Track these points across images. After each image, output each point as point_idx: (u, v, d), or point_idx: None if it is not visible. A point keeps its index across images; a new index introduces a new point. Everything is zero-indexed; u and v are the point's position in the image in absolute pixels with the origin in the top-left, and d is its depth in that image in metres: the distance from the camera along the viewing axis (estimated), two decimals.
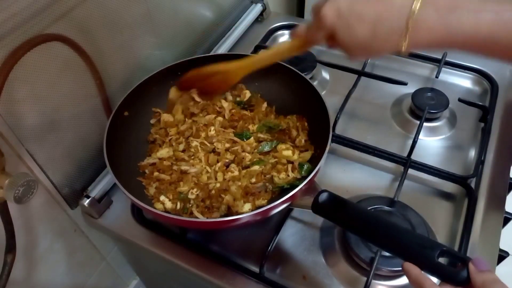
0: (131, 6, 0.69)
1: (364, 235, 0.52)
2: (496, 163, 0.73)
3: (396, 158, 0.74)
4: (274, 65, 0.74)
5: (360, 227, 0.52)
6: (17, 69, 0.52)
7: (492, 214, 0.67)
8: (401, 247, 0.48)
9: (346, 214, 0.53)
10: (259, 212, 0.54)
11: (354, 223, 0.53)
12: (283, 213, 0.67)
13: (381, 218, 0.53)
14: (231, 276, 0.62)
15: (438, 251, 0.45)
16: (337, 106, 0.80)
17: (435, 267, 0.44)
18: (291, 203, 0.57)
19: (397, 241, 0.48)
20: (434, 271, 0.45)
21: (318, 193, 0.56)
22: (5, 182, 0.52)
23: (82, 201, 0.68)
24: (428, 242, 0.47)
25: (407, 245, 0.47)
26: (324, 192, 0.56)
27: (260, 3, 1.05)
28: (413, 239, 0.48)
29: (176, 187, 0.64)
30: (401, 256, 0.47)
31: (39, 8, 0.53)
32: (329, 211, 0.55)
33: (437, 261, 0.45)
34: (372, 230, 0.51)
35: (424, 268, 0.44)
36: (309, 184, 0.56)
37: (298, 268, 0.63)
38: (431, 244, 0.46)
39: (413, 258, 0.45)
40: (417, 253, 0.46)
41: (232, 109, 0.73)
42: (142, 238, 0.67)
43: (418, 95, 0.82)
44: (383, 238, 0.50)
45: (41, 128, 0.60)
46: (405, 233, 0.50)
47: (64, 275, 0.79)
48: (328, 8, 0.46)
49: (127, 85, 0.69)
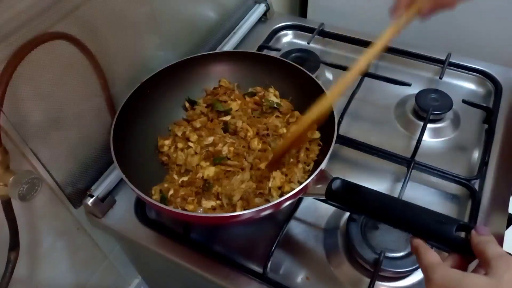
0: (135, 6, 0.69)
1: (381, 217, 0.52)
2: (500, 165, 0.73)
3: (399, 159, 0.73)
4: (281, 63, 0.74)
5: (377, 210, 0.52)
6: (22, 67, 0.52)
7: (495, 215, 0.67)
8: (419, 225, 0.48)
9: (361, 198, 0.53)
10: (271, 206, 0.54)
11: (370, 206, 0.53)
12: (287, 213, 0.67)
13: (397, 199, 0.53)
14: (234, 276, 0.62)
15: (456, 225, 0.46)
16: (340, 107, 0.80)
17: (453, 240, 0.45)
18: (304, 193, 0.58)
19: (415, 219, 0.49)
20: (453, 245, 0.45)
21: (331, 180, 0.56)
22: (10, 180, 0.52)
23: (85, 200, 0.68)
24: (445, 218, 0.47)
25: (425, 222, 0.48)
26: (337, 179, 0.56)
27: (263, 3, 1.05)
28: (430, 216, 0.48)
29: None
30: (419, 234, 0.47)
31: (44, 6, 0.53)
32: (343, 197, 0.55)
33: (455, 234, 0.45)
34: (389, 211, 0.51)
35: (443, 243, 0.45)
36: (321, 173, 0.57)
37: (302, 268, 0.63)
38: (448, 220, 0.47)
39: (432, 234, 0.46)
40: (435, 230, 0.46)
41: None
42: (145, 238, 0.67)
43: (422, 96, 0.82)
44: (401, 218, 0.50)
45: (45, 126, 0.60)
46: (422, 211, 0.50)
47: (67, 273, 0.79)
48: None
49: (131, 85, 0.69)
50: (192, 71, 0.77)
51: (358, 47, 0.96)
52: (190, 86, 0.77)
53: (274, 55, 0.89)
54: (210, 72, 0.78)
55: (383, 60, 0.94)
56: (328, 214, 0.69)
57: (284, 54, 0.92)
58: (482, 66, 0.89)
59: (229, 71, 0.79)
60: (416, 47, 0.93)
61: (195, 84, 0.78)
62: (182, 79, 0.76)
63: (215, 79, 0.79)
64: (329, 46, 1.00)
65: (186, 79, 0.77)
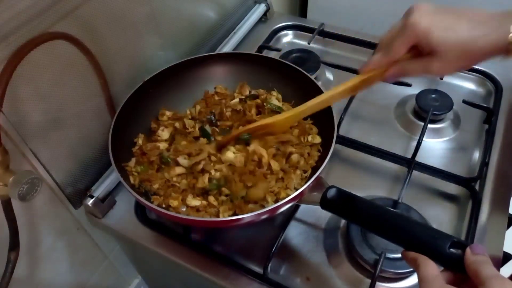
0: (135, 6, 0.69)
1: (375, 228, 0.52)
2: (501, 165, 0.73)
3: (400, 160, 0.73)
4: (279, 64, 0.74)
5: (370, 221, 0.52)
6: (21, 67, 0.52)
7: (496, 216, 0.67)
8: (412, 239, 0.48)
9: (356, 208, 0.53)
10: (267, 211, 0.54)
11: (364, 217, 0.53)
12: (287, 214, 0.67)
13: (391, 211, 0.52)
14: (235, 277, 0.62)
15: (450, 242, 0.45)
16: (341, 107, 0.80)
17: (446, 257, 0.45)
18: (299, 200, 0.57)
19: (408, 233, 0.48)
20: (446, 262, 0.45)
21: (326, 189, 0.56)
22: (10, 180, 0.52)
23: (85, 201, 0.68)
24: (439, 233, 0.47)
25: (418, 237, 0.47)
26: (332, 188, 0.56)
27: (263, 3, 1.05)
28: (424, 230, 0.48)
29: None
30: (412, 248, 0.47)
31: (44, 6, 0.53)
32: (338, 206, 0.55)
33: (449, 251, 0.45)
34: (382, 223, 0.51)
35: (436, 259, 0.44)
36: (316, 180, 0.56)
37: (302, 269, 0.63)
38: (442, 235, 0.46)
39: (425, 250, 0.45)
40: (429, 245, 0.46)
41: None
42: (145, 238, 0.67)
43: (422, 97, 0.82)
44: (394, 231, 0.49)
45: (44, 126, 0.59)
46: (416, 225, 0.49)
47: (67, 273, 0.79)
48: (417, 14, 0.45)
49: (131, 85, 0.69)
50: (193, 72, 0.77)
51: (358, 47, 0.96)
52: (190, 87, 0.77)
53: (274, 55, 0.89)
54: (211, 74, 0.78)
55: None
56: (329, 215, 0.68)
57: (284, 54, 0.92)
58: (482, 67, 0.89)
59: (230, 73, 0.78)
60: None
61: (195, 85, 0.78)
62: (183, 80, 0.76)
63: (215, 80, 0.78)
64: (329, 46, 1.00)
65: (186, 80, 0.76)
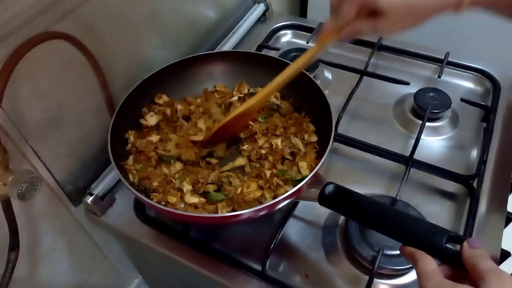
0: (135, 6, 0.69)
1: (372, 224, 0.52)
2: (498, 163, 0.73)
3: (398, 158, 0.74)
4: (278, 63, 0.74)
5: (368, 217, 0.52)
6: (21, 66, 0.52)
7: (494, 214, 0.67)
8: (409, 234, 0.48)
9: (353, 204, 0.53)
10: (265, 207, 0.54)
11: (361, 213, 0.53)
12: (286, 211, 0.67)
13: (388, 206, 0.53)
14: (234, 274, 0.62)
15: (446, 236, 0.45)
16: (339, 106, 0.80)
17: (443, 251, 0.45)
18: (297, 196, 0.58)
19: (406, 228, 0.49)
20: (443, 256, 0.45)
21: (324, 185, 0.56)
22: (9, 179, 0.52)
23: (85, 198, 0.68)
24: (436, 228, 0.47)
25: (416, 232, 0.47)
26: (330, 184, 0.56)
27: (263, 3, 1.05)
28: (421, 225, 0.48)
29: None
30: (410, 243, 0.47)
31: (44, 6, 0.54)
32: (336, 202, 0.55)
33: (446, 245, 0.45)
34: (380, 218, 0.51)
35: (433, 253, 0.45)
36: (315, 177, 0.57)
37: (301, 266, 0.63)
38: (439, 230, 0.47)
39: (422, 244, 0.46)
40: (426, 239, 0.46)
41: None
42: (144, 236, 0.68)
43: (420, 95, 0.82)
44: (391, 226, 0.50)
45: (44, 125, 0.60)
46: (413, 220, 0.50)
47: (67, 273, 0.79)
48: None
49: (130, 84, 0.70)
50: (192, 70, 0.77)
51: (357, 46, 0.96)
52: (190, 85, 0.78)
53: (273, 55, 0.89)
54: (210, 72, 0.79)
55: (382, 59, 0.95)
56: (327, 212, 0.69)
57: (283, 53, 0.93)
58: (481, 65, 0.89)
59: (229, 71, 0.79)
60: (414, 46, 0.94)
61: (195, 84, 0.78)
62: (182, 79, 0.76)
63: (215, 79, 0.79)
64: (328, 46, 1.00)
65: (185, 78, 0.77)
